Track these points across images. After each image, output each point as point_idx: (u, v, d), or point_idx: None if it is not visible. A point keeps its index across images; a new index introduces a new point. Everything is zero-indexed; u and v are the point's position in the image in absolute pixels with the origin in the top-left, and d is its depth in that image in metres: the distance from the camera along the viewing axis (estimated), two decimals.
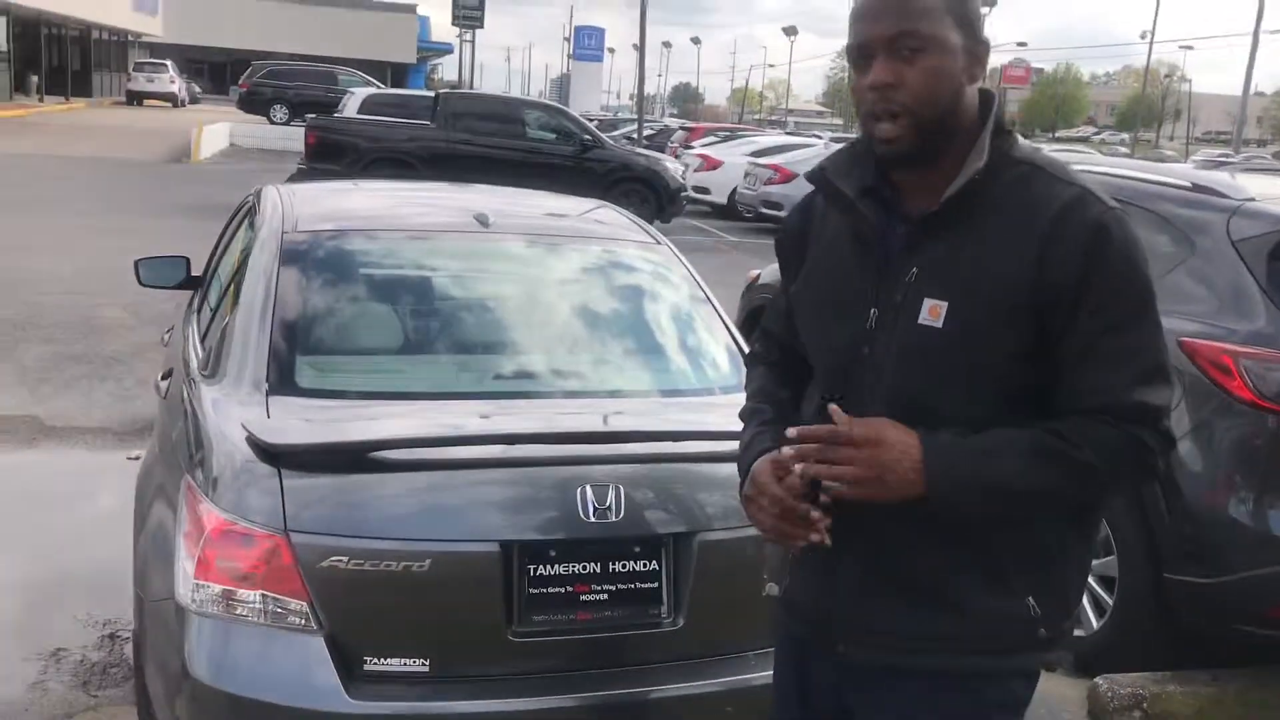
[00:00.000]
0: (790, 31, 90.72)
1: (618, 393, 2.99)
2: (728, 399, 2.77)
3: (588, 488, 2.41)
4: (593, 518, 2.40)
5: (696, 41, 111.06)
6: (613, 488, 2.42)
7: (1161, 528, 3.62)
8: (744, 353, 2.96)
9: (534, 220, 3.78)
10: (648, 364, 3.18)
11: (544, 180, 8.48)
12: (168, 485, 2.67)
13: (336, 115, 18.40)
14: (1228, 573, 3.50)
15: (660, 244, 3.58)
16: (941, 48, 1.59)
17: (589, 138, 15.84)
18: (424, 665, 2.34)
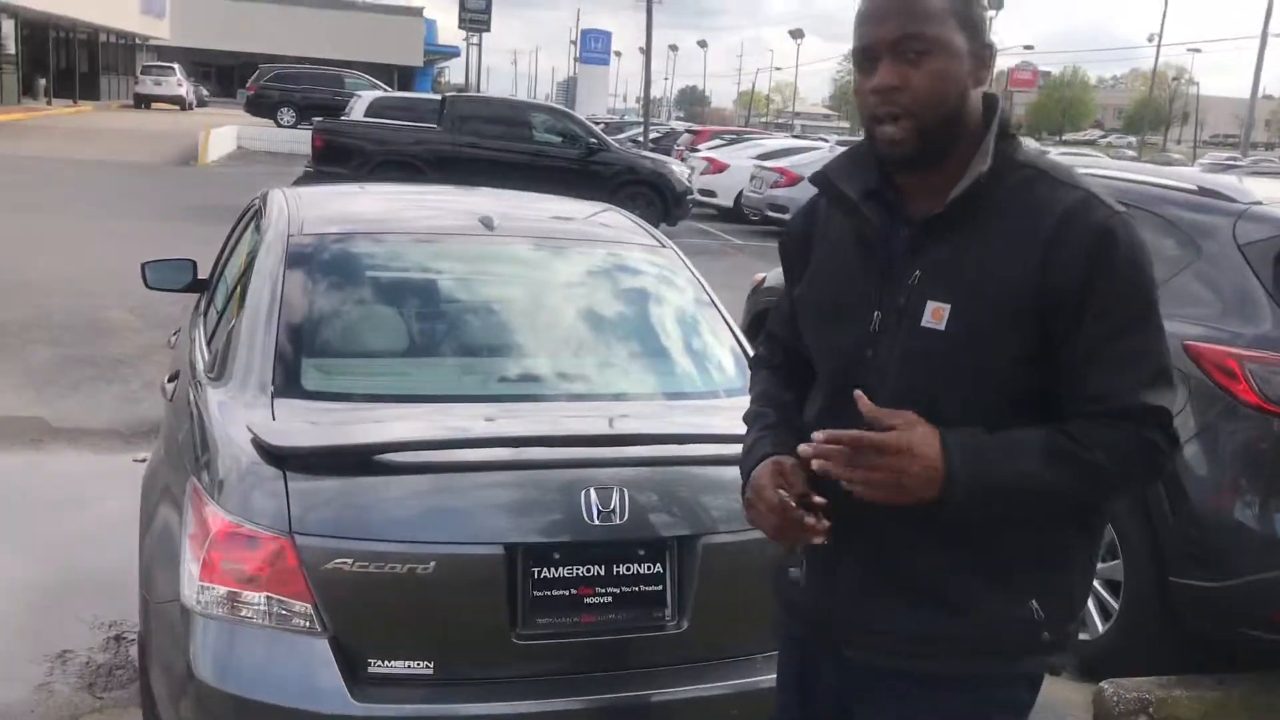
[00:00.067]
0: (797, 35, 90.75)
1: (623, 396, 3.00)
2: (732, 402, 2.77)
3: (592, 490, 2.41)
4: (597, 520, 2.40)
5: (703, 45, 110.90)
6: (617, 490, 2.42)
7: (1167, 531, 3.61)
8: (749, 356, 2.96)
9: (539, 223, 3.79)
10: (653, 367, 3.18)
11: (550, 183, 8.50)
12: (173, 487, 2.68)
13: (343, 118, 18.40)
14: (1233, 577, 3.49)
15: (665, 247, 3.58)
16: (946, 51, 1.59)
17: (595, 141, 15.87)
18: (428, 667, 2.34)
